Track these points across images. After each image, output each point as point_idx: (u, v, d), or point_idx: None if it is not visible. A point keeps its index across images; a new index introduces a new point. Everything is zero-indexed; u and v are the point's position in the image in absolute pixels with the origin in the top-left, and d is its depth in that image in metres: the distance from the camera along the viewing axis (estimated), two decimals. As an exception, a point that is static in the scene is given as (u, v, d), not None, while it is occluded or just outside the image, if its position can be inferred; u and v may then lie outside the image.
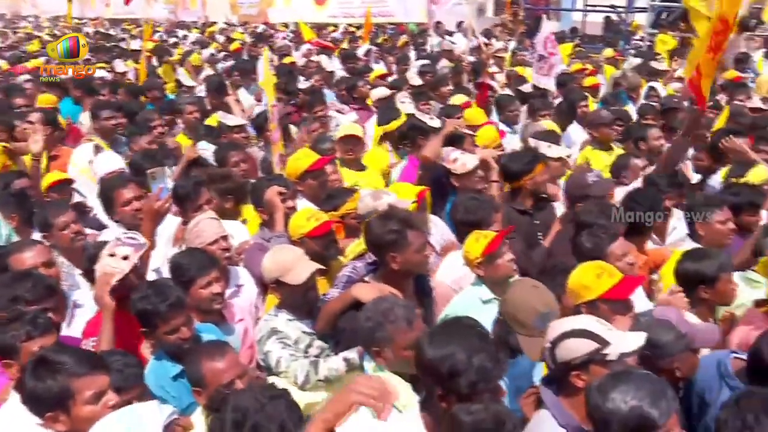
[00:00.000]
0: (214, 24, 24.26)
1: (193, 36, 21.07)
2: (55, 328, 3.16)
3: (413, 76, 10.28)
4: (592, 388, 2.38)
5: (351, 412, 1.99)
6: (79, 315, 3.92)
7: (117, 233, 3.96)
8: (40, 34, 23.05)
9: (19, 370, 2.83)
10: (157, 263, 4.21)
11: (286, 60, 12.21)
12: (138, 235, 3.71)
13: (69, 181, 5.56)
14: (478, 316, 2.92)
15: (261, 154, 6.88)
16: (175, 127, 7.68)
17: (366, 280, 3.61)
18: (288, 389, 2.58)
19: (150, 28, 12.42)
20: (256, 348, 3.76)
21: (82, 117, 8.26)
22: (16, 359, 2.93)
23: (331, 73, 10.99)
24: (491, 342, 2.56)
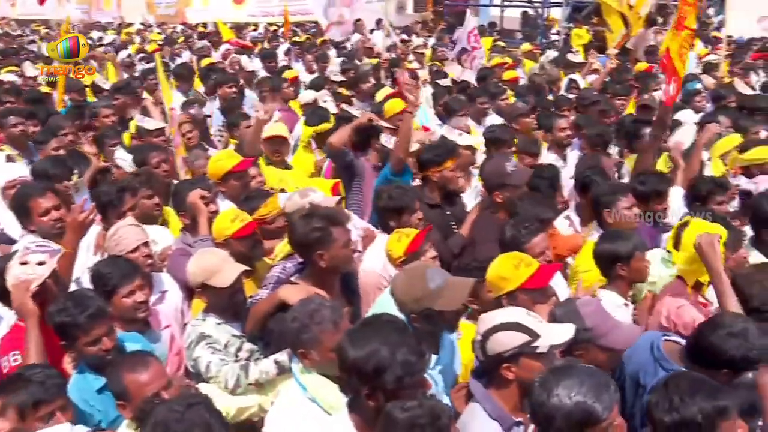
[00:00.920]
0: (131, 25, 23.66)
1: (109, 37, 20.49)
2: None
3: (335, 73, 10.26)
4: (535, 385, 2.38)
5: None
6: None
7: (26, 243, 3.78)
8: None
9: None
10: (77, 273, 4.06)
11: (205, 61, 11.99)
12: (50, 242, 3.58)
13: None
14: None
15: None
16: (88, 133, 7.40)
17: (293, 281, 3.59)
18: (209, 394, 2.53)
19: (67, 27, 11.92)
20: (184, 354, 3.69)
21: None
22: None
23: (252, 73, 10.88)
24: (412, 335, 2.56)
